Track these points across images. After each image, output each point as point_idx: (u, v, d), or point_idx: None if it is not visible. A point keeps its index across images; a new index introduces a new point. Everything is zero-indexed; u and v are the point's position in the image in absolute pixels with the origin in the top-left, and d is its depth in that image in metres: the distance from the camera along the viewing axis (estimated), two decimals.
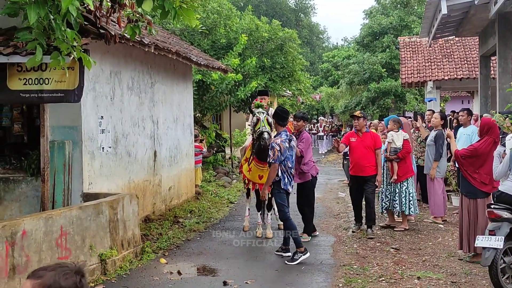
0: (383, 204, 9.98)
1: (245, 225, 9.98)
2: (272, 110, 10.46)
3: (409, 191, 9.70)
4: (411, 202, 9.69)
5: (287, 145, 8.08)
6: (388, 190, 9.90)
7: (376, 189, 9.91)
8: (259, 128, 8.73)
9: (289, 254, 8.11)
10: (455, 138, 9.36)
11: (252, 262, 7.98)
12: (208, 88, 16.60)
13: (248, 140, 9.98)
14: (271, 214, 9.59)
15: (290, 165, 8.17)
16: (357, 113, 9.68)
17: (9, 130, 9.01)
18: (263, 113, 8.99)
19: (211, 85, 16.45)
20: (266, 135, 8.56)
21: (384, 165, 9.95)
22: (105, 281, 6.95)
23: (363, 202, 9.86)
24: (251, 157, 9.22)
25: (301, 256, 7.87)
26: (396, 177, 9.69)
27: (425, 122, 12.37)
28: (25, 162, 8.42)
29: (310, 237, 9.31)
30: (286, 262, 7.86)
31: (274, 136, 8.34)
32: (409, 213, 9.75)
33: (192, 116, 13.61)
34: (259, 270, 7.54)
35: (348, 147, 9.74)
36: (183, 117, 12.73)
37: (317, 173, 9.57)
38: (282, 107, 9.28)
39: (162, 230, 9.71)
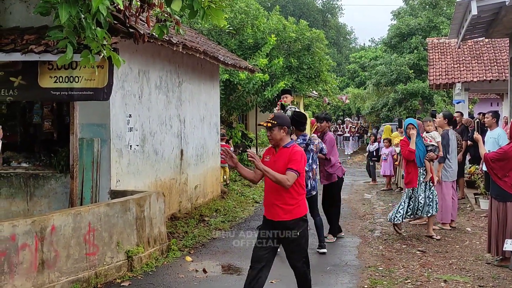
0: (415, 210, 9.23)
1: None
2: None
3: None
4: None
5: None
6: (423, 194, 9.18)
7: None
8: None
9: None
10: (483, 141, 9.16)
11: (277, 262, 7.89)
12: (235, 87, 16.65)
13: None
14: None
15: (306, 169, 8.14)
16: (266, 122, 5.65)
17: (39, 127, 9.17)
18: (294, 109, 9.06)
19: (238, 85, 16.50)
20: (289, 112, 8.65)
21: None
22: (131, 277, 7.02)
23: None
24: None
25: None
26: (437, 177, 9.24)
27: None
28: (55, 159, 8.55)
29: (335, 238, 9.27)
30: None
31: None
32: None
33: (218, 115, 13.66)
34: (284, 270, 7.50)
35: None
36: (210, 116, 12.80)
37: (344, 174, 9.50)
38: (298, 111, 8.99)
39: (188, 228, 9.78)
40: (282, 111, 9.05)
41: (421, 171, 9.12)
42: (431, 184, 9.17)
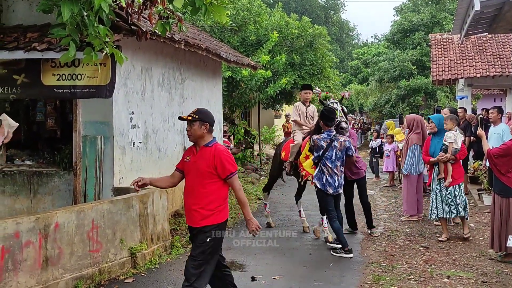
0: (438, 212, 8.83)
1: (270, 222, 10.05)
2: (313, 106, 10.29)
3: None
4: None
5: (323, 144, 8.08)
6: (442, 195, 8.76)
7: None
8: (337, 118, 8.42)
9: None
10: (487, 137, 9.13)
11: (280, 258, 8.00)
12: (238, 84, 16.65)
13: (298, 136, 9.53)
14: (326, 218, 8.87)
15: (329, 165, 8.09)
16: (187, 116, 5.57)
17: (42, 125, 9.19)
18: (337, 103, 8.84)
19: (241, 82, 16.49)
20: (344, 124, 8.38)
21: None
22: (135, 274, 7.04)
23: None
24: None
25: (342, 253, 8.01)
26: (451, 180, 8.65)
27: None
28: (58, 156, 8.57)
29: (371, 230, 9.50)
30: (328, 243, 8.40)
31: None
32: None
33: (221, 112, 13.66)
34: (287, 266, 7.55)
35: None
36: (212, 113, 12.76)
37: (366, 169, 9.65)
38: (328, 106, 8.60)
39: None
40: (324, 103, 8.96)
41: (436, 169, 8.82)
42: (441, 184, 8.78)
